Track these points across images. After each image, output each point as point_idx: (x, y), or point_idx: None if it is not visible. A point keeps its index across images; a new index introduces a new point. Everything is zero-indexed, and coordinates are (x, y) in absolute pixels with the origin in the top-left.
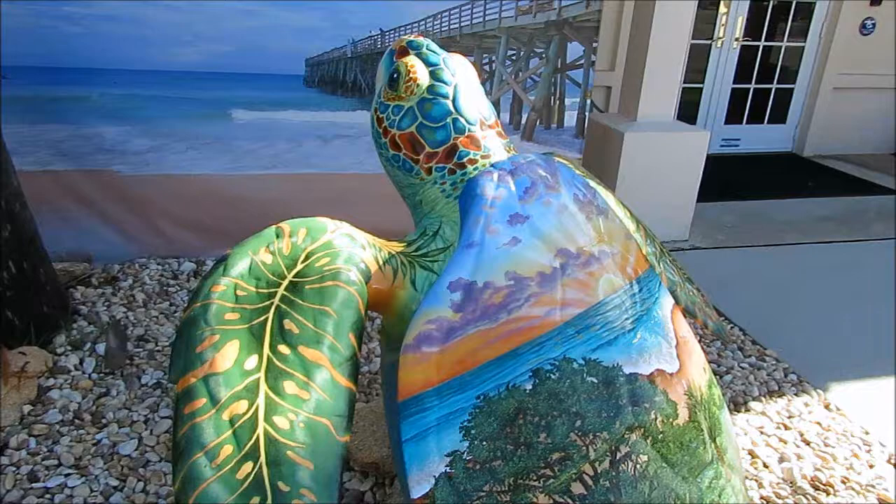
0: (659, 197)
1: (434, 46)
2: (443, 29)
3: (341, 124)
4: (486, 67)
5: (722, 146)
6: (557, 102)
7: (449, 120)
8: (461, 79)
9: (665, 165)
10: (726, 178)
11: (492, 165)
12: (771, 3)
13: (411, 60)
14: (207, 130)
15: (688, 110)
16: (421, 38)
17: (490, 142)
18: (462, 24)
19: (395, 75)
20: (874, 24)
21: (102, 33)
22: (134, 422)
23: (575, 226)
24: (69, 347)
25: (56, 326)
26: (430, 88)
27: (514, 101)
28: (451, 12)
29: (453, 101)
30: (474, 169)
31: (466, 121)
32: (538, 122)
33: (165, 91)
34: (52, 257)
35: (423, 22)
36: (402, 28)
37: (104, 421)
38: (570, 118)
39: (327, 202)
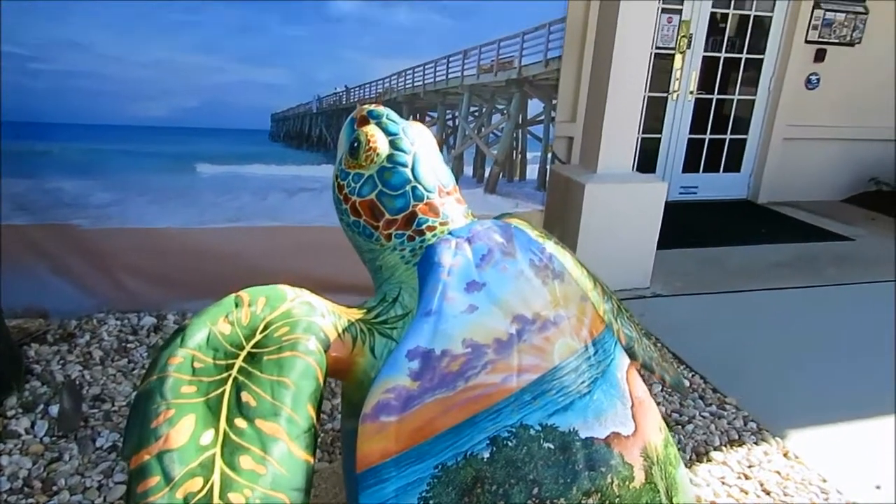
0: (621, 245)
1: (393, 116)
2: (406, 86)
3: (306, 177)
4: (450, 123)
5: (681, 194)
6: (519, 156)
7: (408, 188)
8: (420, 147)
9: (626, 215)
10: (685, 225)
11: (450, 233)
12: (722, 58)
13: (371, 130)
14: (171, 183)
15: (648, 159)
16: (381, 108)
17: (448, 208)
18: (426, 81)
19: (355, 144)
20: (818, 79)
21: (67, 88)
22: (87, 488)
23: (531, 291)
24: (20, 410)
25: (7, 388)
26: (390, 157)
27: (478, 155)
28: (415, 70)
29: (412, 169)
30: (433, 236)
31: (425, 188)
32: (501, 175)
33: (129, 145)
34: (7, 314)
35: (387, 79)
36: (367, 85)
37: (55, 488)
38: (532, 171)
39: (292, 254)
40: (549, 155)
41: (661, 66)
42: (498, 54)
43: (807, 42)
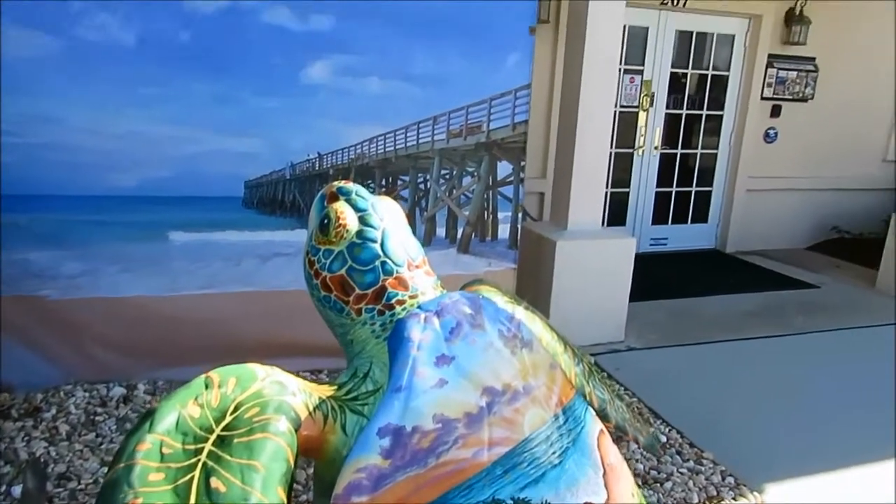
0: (594, 300)
1: (363, 192)
2: (378, 151)
3: (280, 243)
4: (422, 186)
5: (651, 245)
6: (490, 216)
7: (377, 263)
8: (389, 222)
9: (597, 270)
10: (657, 277)
11: (419, 307)
12: (684, 114)
13: (341, 207)
14: (143, 252)
15: (618, 212)
16: (350, 185)
17: (418, 281)
18: (397, 146)
19: (325, 221)
20: (776, 133)
21: (38, 160)
22: None
23: (500, 362)
24: None
25: None
26: (359, 233)
27: (450, 216)
28: (387, 136)
29: (381, 244)
30: (403, 310)
31: (394, 263)
32: (473, 236)
33: (101, 215)
34: None
35: (359, 145)
36: (340, 151)
37: None
38: (504, 230)
39: (265, 319)
40: (520, 214)
41: (627, 123)
42: (467, 120)
43: (762, 98)
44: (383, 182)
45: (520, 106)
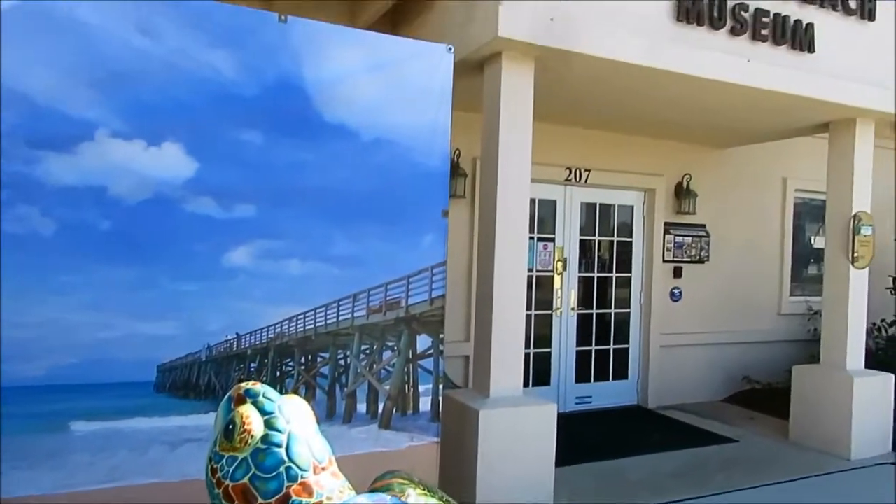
0: (520, 468)
1: (270, 393)
2: (298, 330)
3: (191, 427)
4: (342, 362)
5: (577, 404)
6: (411, 390)
7: (282, 469)
8: (295, 425)
9: (521, 438)
10: (583, 437)
11: None
12: (595, 277)
13: (247, 411)
14: (40, 446)
15: (543, 370)
16: (258, 386)
17: (324, 485)
18: (317, 324)
19: (230, 426)
20: (680, 292)
21: None
22: None
23: None
24: None
25: None
26: (265, 438)
27: (371, 391)
28: (307, 315)
29: (287, 449)
30: None
31: (299, 468)
32: (394, 410)
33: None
34: None
35: (278, 325)
36: (259, 331)
37: None
38: (425, 403)
39: None
40: (440, 386)
41: (545, 286)
42: (386, 296)
43: (664, 262)
44: (303, 360)
45: (437, 282)
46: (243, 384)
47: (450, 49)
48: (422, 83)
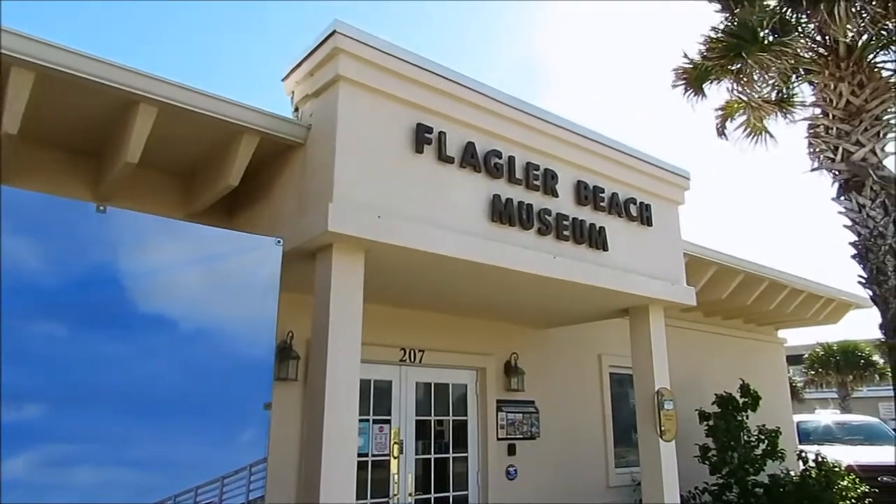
0: None
1: None
2: None
3: None
4: None
5: None
6: None
7: None
8: None
9: None
10: None
11: None
12: (433, 458)
13: None
14: None
15: None
16: None
17: None
18: None
19: None
20: (516, 470)
21: None
22: None
23: None
24: None
25: None
26: None
27: None
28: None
29: None
30: None
31: None
32: None
33: None
34: None
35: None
36: None
37: None
38: None
39: None
40: None
41: (381, 472)
42: (195, 502)
43: (498, 439)
44: None
45: (256, 482)
46: None
47: (279, 242)
48: (249, 274)
